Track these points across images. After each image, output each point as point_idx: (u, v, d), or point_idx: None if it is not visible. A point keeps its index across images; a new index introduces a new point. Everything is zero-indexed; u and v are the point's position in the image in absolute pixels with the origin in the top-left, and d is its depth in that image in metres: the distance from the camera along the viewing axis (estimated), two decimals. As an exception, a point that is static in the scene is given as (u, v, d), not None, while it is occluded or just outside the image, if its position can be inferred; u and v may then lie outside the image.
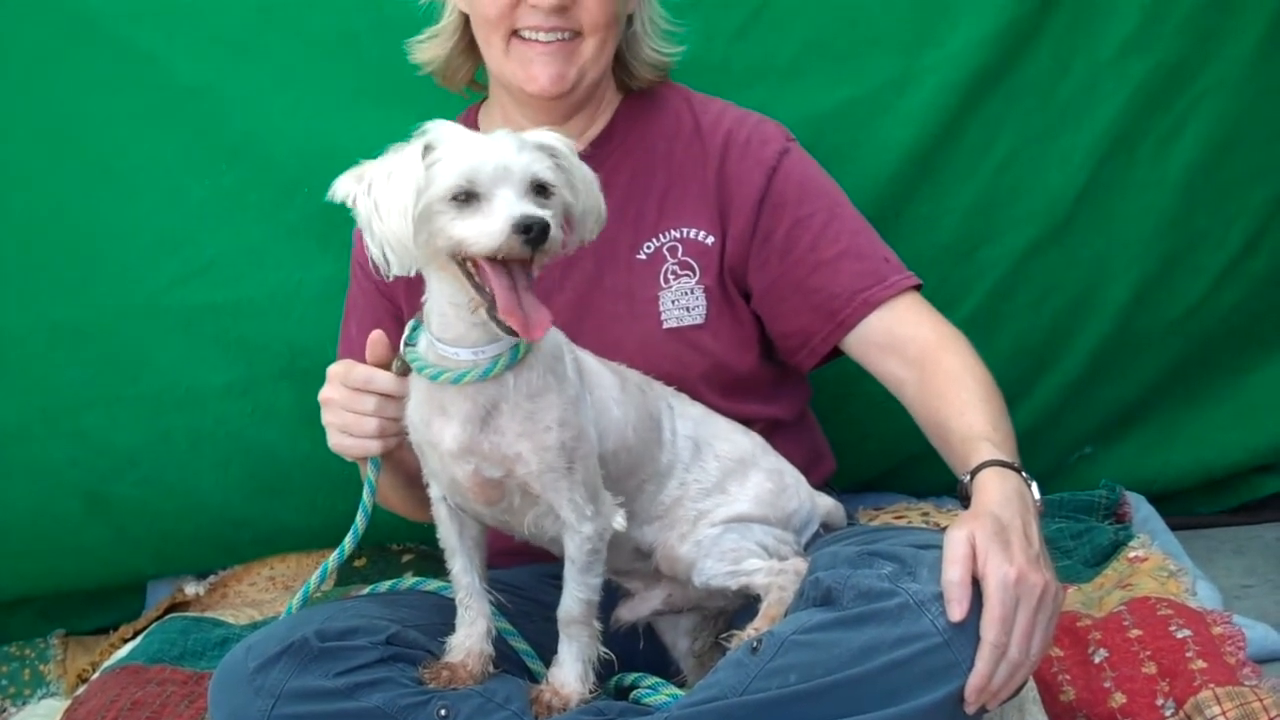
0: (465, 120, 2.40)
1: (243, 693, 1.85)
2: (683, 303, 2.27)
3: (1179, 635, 2.20)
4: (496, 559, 2.06)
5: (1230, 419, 3.04)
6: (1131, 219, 2.87)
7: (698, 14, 2.53)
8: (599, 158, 1.92)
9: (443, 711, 1.83)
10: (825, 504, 2.16)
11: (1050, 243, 2.86)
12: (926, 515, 2.81)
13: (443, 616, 1.98)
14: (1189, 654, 2.15)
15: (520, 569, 2.20)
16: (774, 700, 1.73)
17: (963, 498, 1.92)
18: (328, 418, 2.00)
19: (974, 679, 1.70)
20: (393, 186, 1.70)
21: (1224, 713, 2.00)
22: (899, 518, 2.80)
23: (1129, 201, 2.86)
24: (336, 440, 2.01)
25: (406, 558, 2.99)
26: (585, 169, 1.83)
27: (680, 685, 1.99)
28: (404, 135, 1.77)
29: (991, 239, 2.85)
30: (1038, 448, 2.75)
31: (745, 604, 2.00)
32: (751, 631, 1.85)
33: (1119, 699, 2.13)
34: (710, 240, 2.27)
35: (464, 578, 1.95)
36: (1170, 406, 3.05)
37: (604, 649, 1.92)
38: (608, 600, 1.97)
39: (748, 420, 2.18)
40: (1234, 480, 3.10)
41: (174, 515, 2.94)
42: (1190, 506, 3.07)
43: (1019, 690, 1.79)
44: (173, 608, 2.97)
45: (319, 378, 2.02)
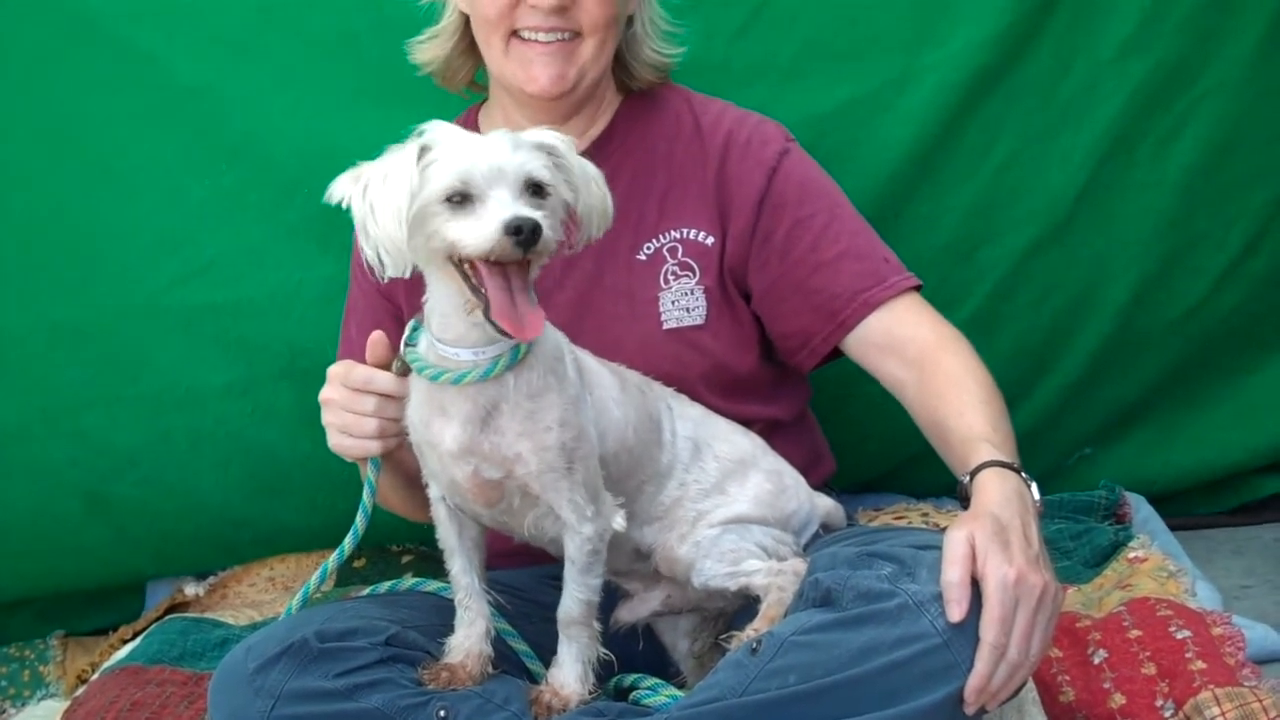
0: (466, 121, 2.41)
1: (242, 693, 1.85)
2: (683, 303, 2.27)
3: (1179, 636, 2.20)
4: (496, 560, 2.06)
5: (1230, 420, 3.04)
6: (1132, 219, 2.88)
7: (698, 14, 2.52)
8: (599, 158, 1.91)
9: (442, 712, 1.83)
10: (824, 505, 2.16)
11: (1050, 243, 2.86)
12: (926, 516, 2.81)
13: (442, 617, 1.97)
14: (1188, 655, 2.15)
15: (520, 570, 2.19)
16: (773, 701, 1.73)
17: (962, 498, 1.91)
18: (328, 418, 2.00)
19: (973, 680, 1.70)
20: (387, 189, 1.70)
21: (1223, 713, 2.00)
22: (898, 518, 2.80)
23: (1129, 202, 2.86)
24: (336, 440, 2.01)
25: (406, 558, 2.99)
26: (588, 166, 1.82)
27: (680, 686, 1.99)
28: (404, 135, 1.76)
29: (991, 239, 2.85)
30: (1037, 448, 2.76)
31: (744, 605, 2.00)
32: (751, 632, 1.85)
33: (1118, 700, 2.13)
34: (710, 241, 2.27)
35: (463, 578, 1.94)
36: (1170, 407, 3.05)
37: (603, 650, 1.92)
38: (607, 601, 1.97)
39: (747, 421, 2.18)
40: (1233, 481, 3.10)
41: (174, 515, 2.94)
42: (1190, 507, 3.06)
43: (1018, 691, 1.79)
44: (172, 608, 2.97)
45: (319, 378, 2.02)
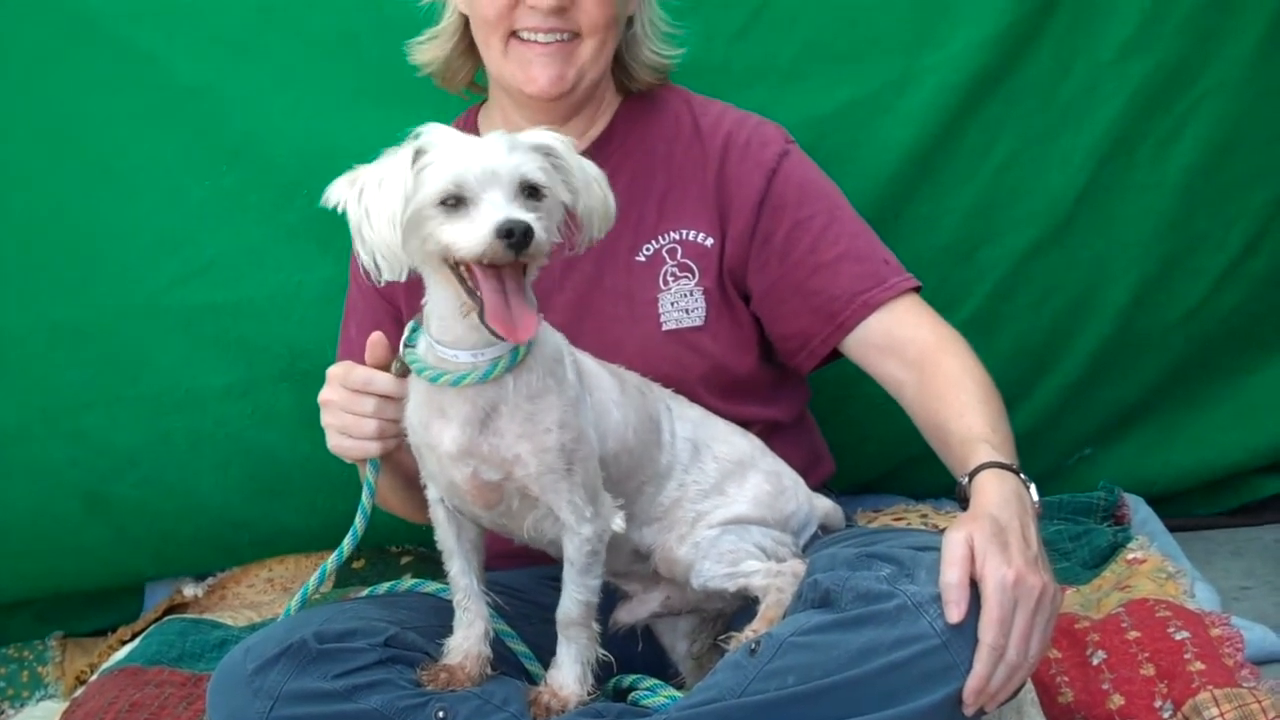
0: (466, 122, 2.40)
1: (241, 694, 1.85)
2: (682, 304, 2.27)
3: (1177, 637, 2.20)
4: (495, 561, 2.06)
5: (1229, 420, 3.04)
6: (1132, 220, 2.88)
7: (698, 15, 2.52)
8: (598, 160, 1.91)
9: (441, 713, 1.83)
10: (823, 506, 2.16)
11: (1050, 244, 2.86)
12: (925, 517, 2.81)
13: (441, 618, 1.97)
14: (1187, 655, 2.15)
15: (519, 571, 2.19)
16: (772, 702, 1.73)
17: (961, 499, 1.92)
18: (327, 419, 2.00)
19: (972, 681, 1.70)
20: (382, 194, 1.69)
21: (1222, 714, 2.01)
22: (897, 519, 2.80)
23: (1129, 203, 2.86)
24: (336, 442, 2.01)
25: (405, 559, 2.99)
26: (589, 167, 1.82)
27: (679, 687, 1.99)
28: (403, 136, 1.76)
29: (991, 240, 2.85)
30: (1037, 449, 2.76)
31: (743, 606, 2.00)
32: (750, 633, 1.85)
33: (1117, 700, 2.13)
34: (710, 242, 2.27)
35: (462, 580, 1.94)
36: (1170, 408, 3.05)
37: (602, 651, 1.92)
38: (606, 602, 1.97)
39: (746, 422, 2.18)
40: (1233, 481, 3.10)
41: (173, 516, 2.94)
42: (1189, 508, 3.07)
43: (1017, 692, 1.79)
44: (171, 609, 2.97)
45: (319, 379, 2.02)
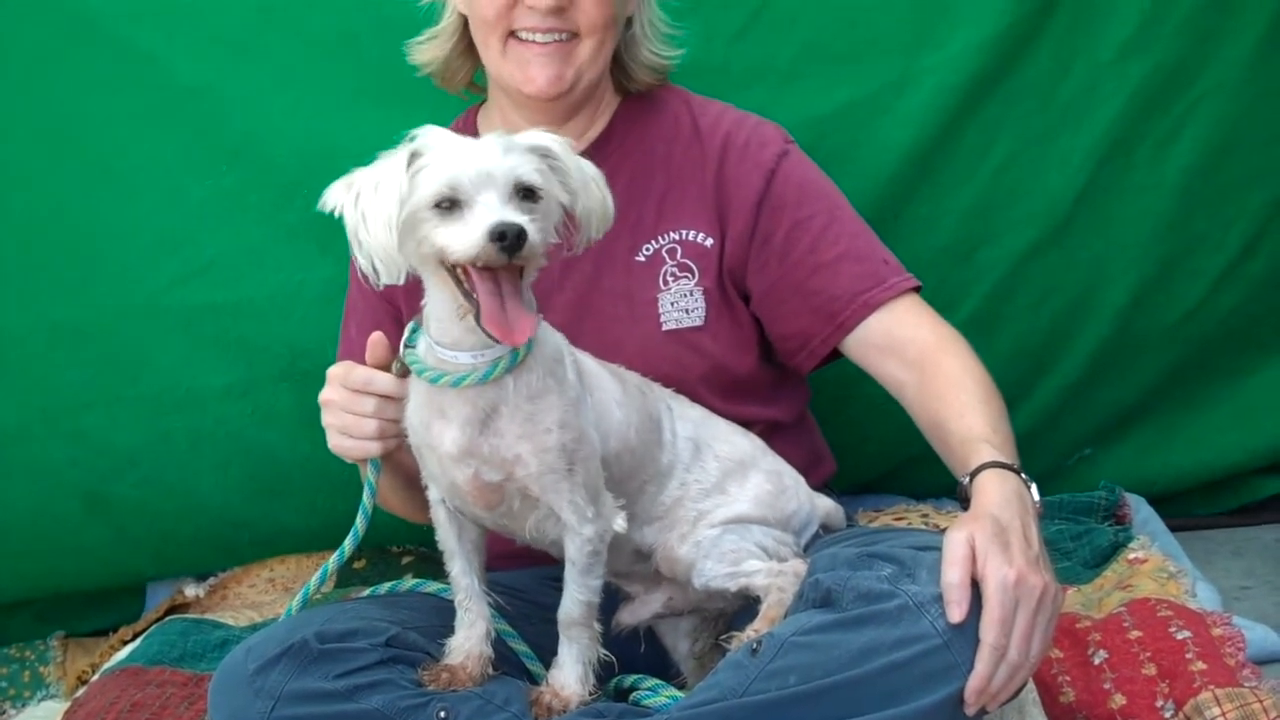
0: (465, 122, 2.40)
1: (242, 694, 1.85)
2: (682, 305, 2.27)
3: (1179, 636, 2.20)
4: (496, 561, 2.06)
5: (1229, 421, 3.04)
6: (1130, 221, 2.88)
7: (697, 16, 2.53)
8: (597, 160, 1.91)
9: (442, 713, 1.83)
10: (824, 505, 2.16)
11: (1049, 245, 2.87)
12: (926, 517, 2.81)
13: (442, 618, 1.97)
14: (1189, 655, 2.15)
15: (520, 571, 2.19)
16: (773, 702, 1.73)
17: (962, 499, 1.92)
18: (327, 419, 2.00)
19: (973, 680, 1.70)
20: (378, 198, 1.69)
21: (1224, 714, 2.01)
22: (898, 519, 2.80)
23: (1128, 204, 2.87)
24: (336, 442, 2.01)
25: (406, 560, 2.99)
26: (588, 168, 1.82)
27: (680, 687, 1.99)
28: (403, 136, 1.76)
29: (990, 241, 2.86)
30: (1037, 449, 2.76)
31: (745, 605, 2.00)
32: (751, 633, 1.85)
33: (1119, 700, 2.13)
34: (709, 242, 2.27)
35: (463, 580, 1.94)
36: (1169, 408, 3.05)
37: (604, 651, 1.92)
38: (608, 603, 1.97)
39: (747, 422, 2.18)
40: (1233, 482, 3.10)
41: (174, 516, 2.94)
42: (1189, 508, 3.07)
43: (1019, 692, 1.79)
44: (172, 609, 2.97)
45: (319, 379, 2.02)
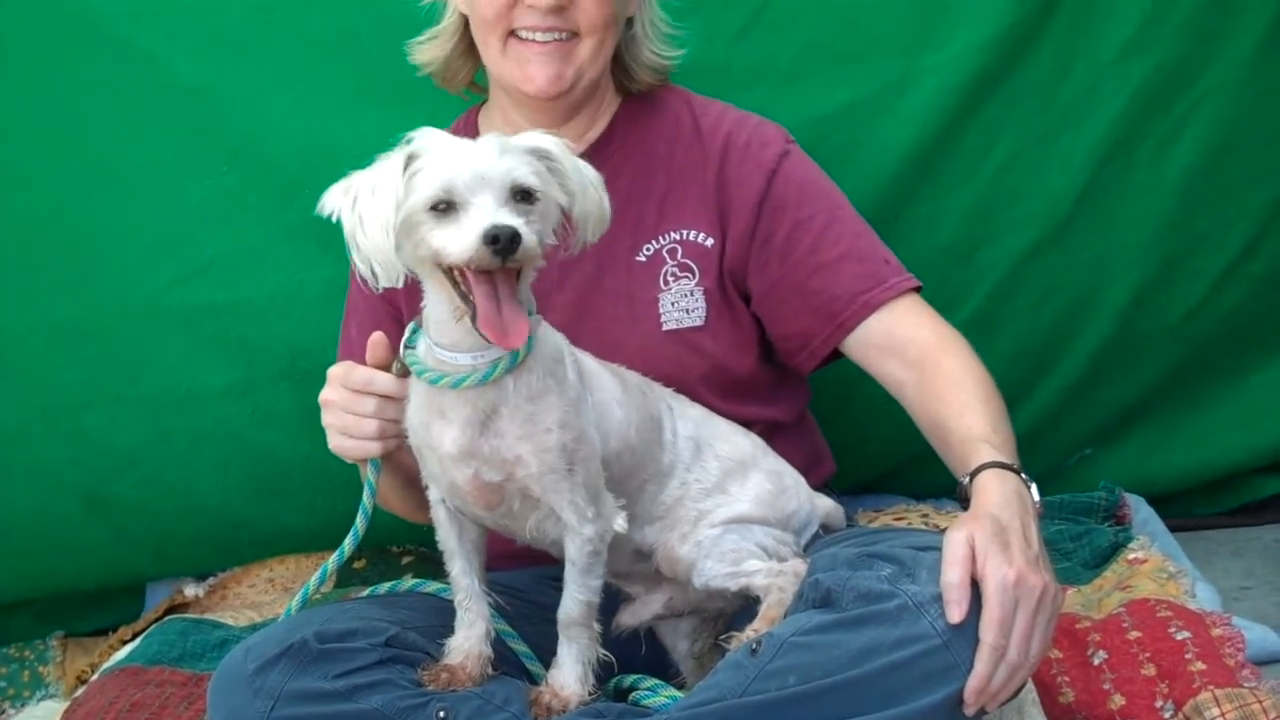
0: (466, 122, 2.40)
1: (242, 694, 1.85)
2: (682, 305, 2.27)
3: (1178, 637, 2.20)
4: (496, 561, 2.06)
5: (1230, 421, 3.04)
6: (1131, 221, 2.88)
7: (698, 16, 2.53)
8: (599, 160, 1.91)
9: (442, 713, 1.83)
10: (825, 505, 2.16)
11: (1050, 245, 2.87)
12: (926, 517, 2.81)
13: (442, 618, 1.97)
14: (1188, 655, 2.15)
15: (520, 571, 2.19)
16: (773, 702, 1.73)
17: (962, 499, 1.92)
18: (328, 419, 2.00)
19: (973, 681, 1.70)
20: (375, 201, 1.69)
21: (1223, 714, 2.01)
22: (898, 519, 2.80)
23: (1129, 204, 2.87)
24: (336, 442, 2.01)
25: (406, 559, 2.99)
26: (586, 170, 1.82)
27: (679, 687, 1.99)
28: (401, 138, 1.76)
29: (991, 241, 2.86)
30: (1037, 449, 2.76)
31: (745, 605, 2.00)
32: (751, 633, 1.85)
33: (1118, 701, 2.13)
34: (710, 242, 2.27)
35: (463, 580, 1.94)
36: (1170, 408, 3.05)
37: (603, 651, 1.92)
38: (608, 603, 1.97)
39: (747, 422, 2.18)
40: (1233, 482, 3.10)
41: (174, 516, 2.94)
42: (1189, 508, 3.07)
43: (1018, 692, 1.79)
44: (172, 609, 2.97)
45: (319, 379, 2.02)
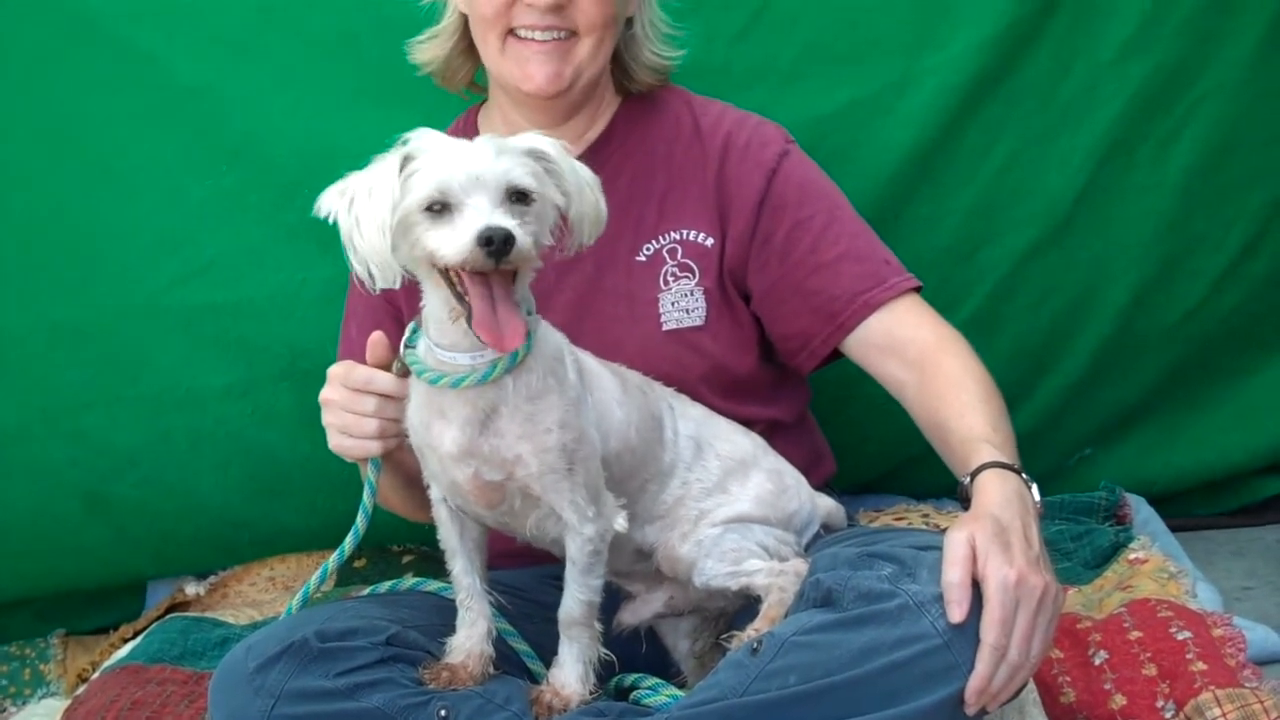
0: (466, 122, 2.41)
1: (242, 693, 1.85)
2: (682, 304, 2.27)
3: (1179, 637, 2.20)
4: (497, 560, 2.06)
5: (1230, 421, 3.04)
6: (1131, 221, 2.88)
7: (698, 16, 2.53)
8: (598, 160, 1.91)
9: (443, 712, 1.83)
10: (825, 505, 2.16)
11: (1050, 245, 2.87)
12: (926, 517, 2.81)
13: (443, 617, 1.97)
14: (1189, 656, 2.15)
15: (521, 570, 2.19)
16: (774, 701, 1.73)
17: (963, 499, 1.92)
18: (328, 418, 2.00)
19: (974, 681, 1.70)
20: (371, 202, 1.69)
21: (1224, 714, 2.00)
22: (899, 519, 2.80)
23: (1129, 204, 2.87)
24: (337, 441, 2.01)
25: (407, 558, 2.98)
26: (583, 171, 1.81)
27: (680, 686, 1.99)
28: (398, 139, 1.76)
29: (991, 241, 2.86)
30: (1038, 449, 2.75)
31: (745, 605, 2.00)
32: (752, 632, 1.85)
33: (1119, 701, 2.13)
34: (710, 242, 2.27)
35: (464, 579, 1.94)
36: (1170, 408, 3.05)
37: (604, 650, 1.92)
38: (609, 602, 1.97)
39: (747, 422, 2.18)
40: (1234, 482, 3.10)
41: (174, 516, 2.94)
42: (1190, 508, 3.07)
43: (1019, 692, 1.79)
44: (173, 608, 2.96)
45: (319, 379, 2.02)
